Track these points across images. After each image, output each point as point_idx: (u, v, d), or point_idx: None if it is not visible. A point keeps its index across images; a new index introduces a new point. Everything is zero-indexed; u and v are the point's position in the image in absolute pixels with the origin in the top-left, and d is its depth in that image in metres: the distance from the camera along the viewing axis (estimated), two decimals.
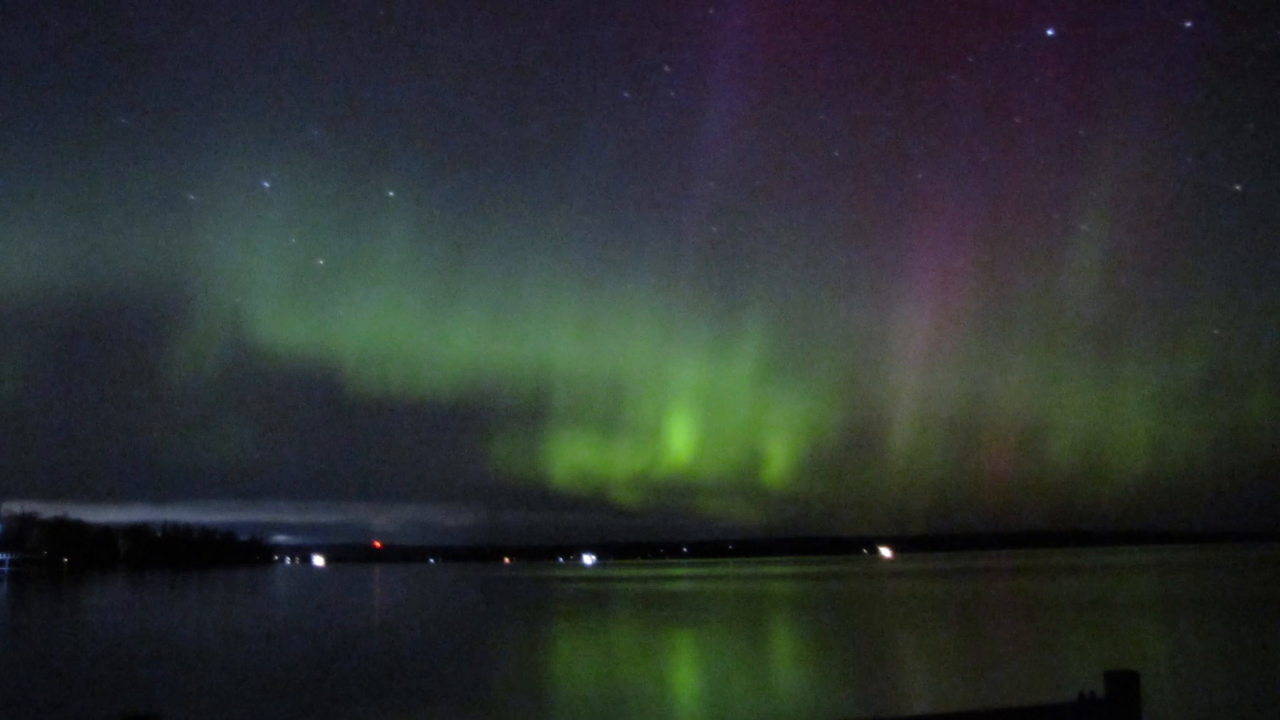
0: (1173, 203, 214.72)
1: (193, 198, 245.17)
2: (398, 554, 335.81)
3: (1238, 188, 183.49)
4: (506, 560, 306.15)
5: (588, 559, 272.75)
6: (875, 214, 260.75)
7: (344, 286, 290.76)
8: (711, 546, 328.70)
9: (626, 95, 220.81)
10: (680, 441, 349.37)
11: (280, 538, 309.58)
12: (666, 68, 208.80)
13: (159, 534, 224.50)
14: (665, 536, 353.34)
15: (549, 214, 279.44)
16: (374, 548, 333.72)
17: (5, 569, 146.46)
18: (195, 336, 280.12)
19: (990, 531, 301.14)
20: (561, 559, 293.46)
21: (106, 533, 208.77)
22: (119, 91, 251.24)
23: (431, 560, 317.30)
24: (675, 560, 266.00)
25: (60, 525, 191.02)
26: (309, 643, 25.91)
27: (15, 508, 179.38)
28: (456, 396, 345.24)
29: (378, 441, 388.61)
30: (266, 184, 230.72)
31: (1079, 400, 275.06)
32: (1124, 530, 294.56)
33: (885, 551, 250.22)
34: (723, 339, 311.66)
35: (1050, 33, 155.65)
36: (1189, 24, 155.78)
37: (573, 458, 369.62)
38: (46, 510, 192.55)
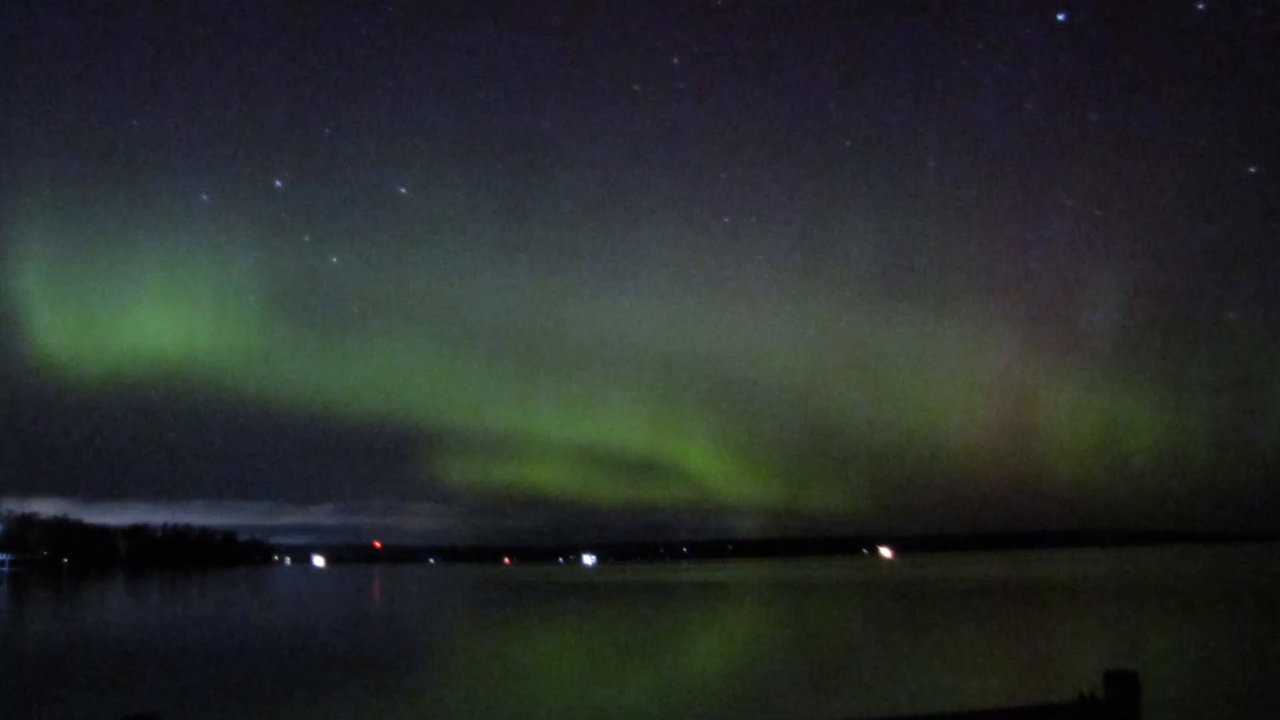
0: (1187, 187, 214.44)
1: (205, 198, 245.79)
2: (398, 554, 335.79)
3: (1253, 170, 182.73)
4: (506, 560, 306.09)
5: (588, 559, 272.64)
6: (887, 203, 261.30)
7: (357, 284, 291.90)
8: (712, 547, 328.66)
9: (636, 88, 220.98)
10: (684, 438, 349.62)
11: (280, 538, 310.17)
12: (676, 60, 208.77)
13: (159, 534, 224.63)
14: (666, 537, 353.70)
15: (560, 208, 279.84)
16: (374, 548, 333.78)
17: (5, 569, 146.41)
18: (207, 335, 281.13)
19: (993, 531, 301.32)
20: (561, 559, 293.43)
21: (106, 533, 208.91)
22: (130, 93, 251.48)
23: (431, 560, 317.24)
24: (675, 561, 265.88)
25: (60, 525, 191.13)
26: (307, 642, 25.92)
27: (15, 508, 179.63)
28: (462, 393, 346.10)
29: (379, 439, 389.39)
30: (279, 183, 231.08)
31: (1085, 396, 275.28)
32: (1129, 530, 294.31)
33: (885, 551, 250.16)
34: (731, 333, 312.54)
35: (1061, 17, 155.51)
36: (1201, 5, 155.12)
37: (574, 455, 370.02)
38: (46, 510, 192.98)
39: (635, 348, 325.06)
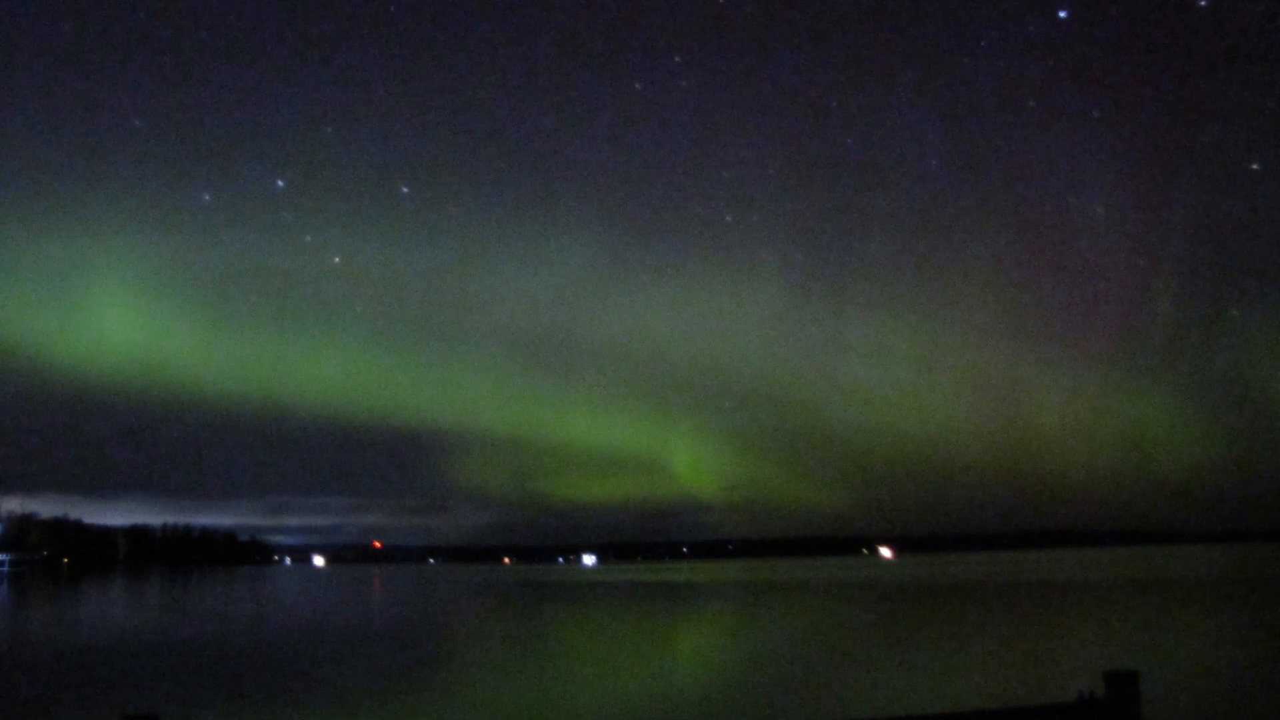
0: (1189, 183, 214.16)
1: (207, 198, 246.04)
2: (398, 554, 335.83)
3: (1255, 166, 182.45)
4: (506, 560, 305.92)
5: (588, 559, 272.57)
6: (888, 201, 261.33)
7: (358, 284, 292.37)
8: (712, 547, 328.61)
9: (638, 87, 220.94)
10: (685, 438, 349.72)
11: (280, 538, 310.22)
12: (678, 59, 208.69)
13: (159, 534, 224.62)
14: (666, 537, 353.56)
15: (563, 206, 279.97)
16: (374, 548, 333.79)
17: (5, 569, 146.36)
18: (208, 335, 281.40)
19: (993, 531, 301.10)
20: (562, 559, 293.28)
21: (106, 533, 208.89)
22: (132, 93, 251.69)
23: (431, 560, 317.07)
24: (675, 561, 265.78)
25: (60, 525, 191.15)
26: (307, 641, 25.92)
27: (15, 507, 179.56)
28: (462, 393, 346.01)
29: (380, 439, 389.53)
30: (281, 183, 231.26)
31: (1086, 395, 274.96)
32: (1129, 529, 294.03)
33: (885, 551, 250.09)
34: (732, 332, 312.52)
35: (1063, 14, 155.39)
36: (1203, 2, 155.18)
37: (573, 455, 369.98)
38: (46, 509, 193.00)
39: (636, 347, 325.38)
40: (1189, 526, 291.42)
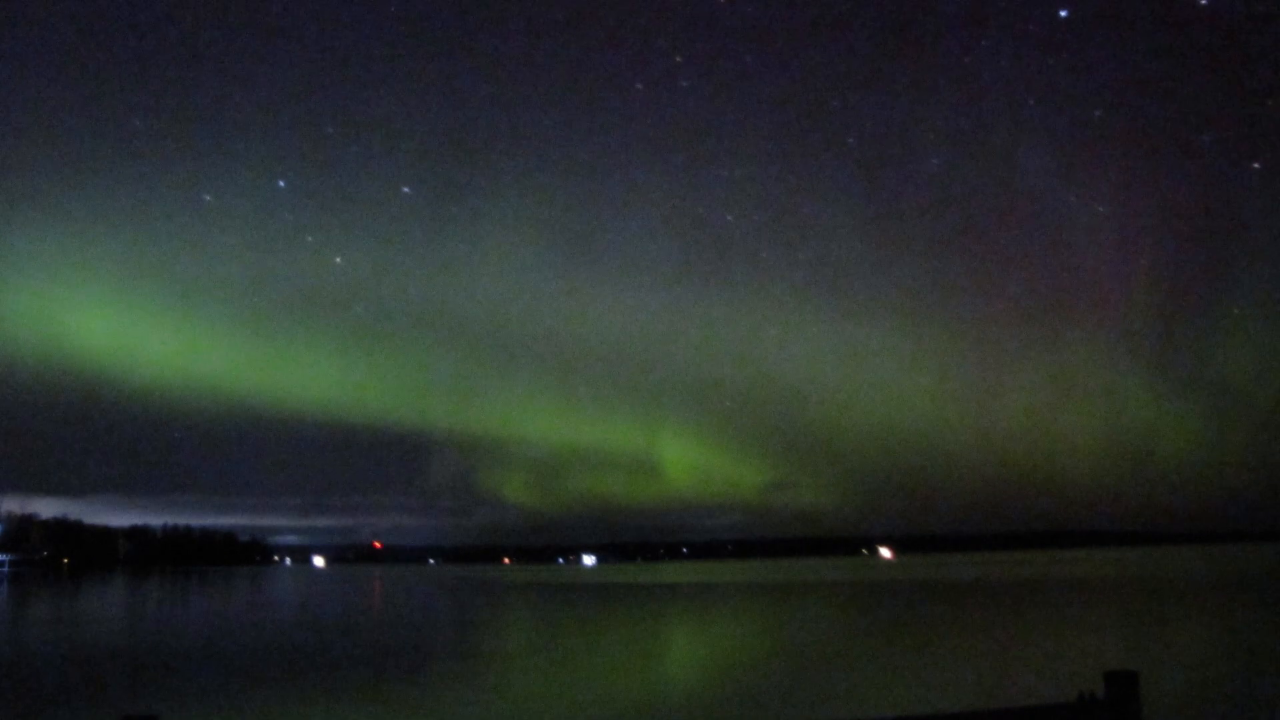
0: (1191, 183, 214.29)
1: (208, 198, 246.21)
2: (398, 554, 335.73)
3: (1256, 165, 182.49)
4: (506, 560, 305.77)
5: (588, 559, 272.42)
6: (888, 201, 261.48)
7: (360, 285, 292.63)
8: (711, 547, 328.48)
9: (639, 86, 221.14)
10: (685, 438, 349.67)
11: (280, 538, 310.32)
12: (678, 58, 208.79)
13: (159, 534, 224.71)
14: (666, 537, 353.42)
15: (564, 206, 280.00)
16: (374, 548, 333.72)
17: (5, 569, 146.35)
18: (209, 336, 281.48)
19: (991, 532, 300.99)
20: (562, 559, 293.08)
21: (106, 533, 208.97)
22: (133, 94, 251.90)
23: (431, 561, 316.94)
24: (675, 561, 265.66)
25: (60, 525, 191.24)
26: (307, 641, 25.92)
27: (15, 507, 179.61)
28: (462, 394, 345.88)
29: (381, 440, 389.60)
30: (282, 183, 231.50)
31: (1087, 394, 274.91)
32: (1131, 530, 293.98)
33: (885, 552, 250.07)
34: (733, 331, 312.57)
35: (1064, 13, 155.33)
36: (1204, 1, 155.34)
37: (573, 455, 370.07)
38: (46, 509, 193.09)
39: (636, 346, 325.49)
40: (1189, 526, 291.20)
